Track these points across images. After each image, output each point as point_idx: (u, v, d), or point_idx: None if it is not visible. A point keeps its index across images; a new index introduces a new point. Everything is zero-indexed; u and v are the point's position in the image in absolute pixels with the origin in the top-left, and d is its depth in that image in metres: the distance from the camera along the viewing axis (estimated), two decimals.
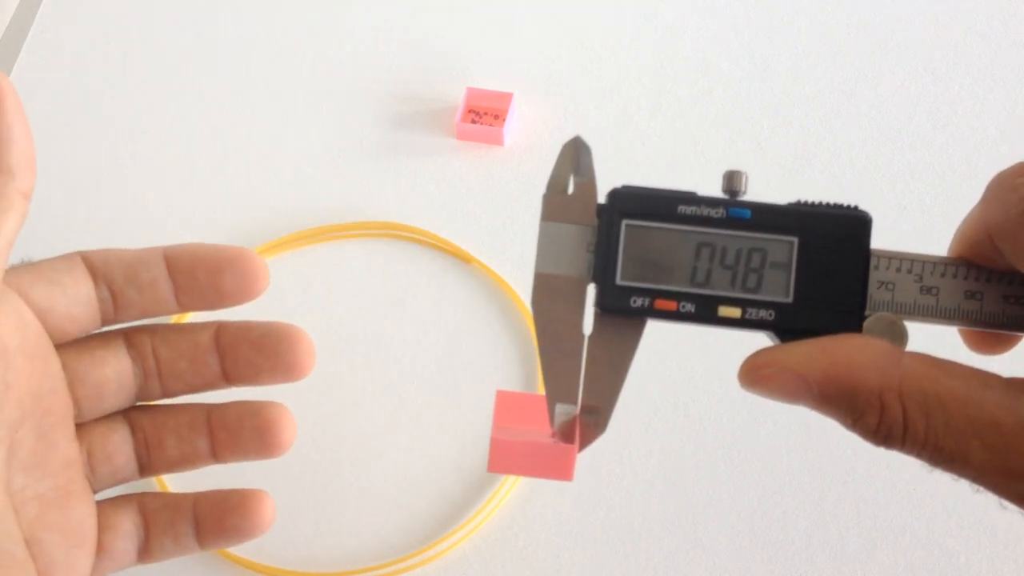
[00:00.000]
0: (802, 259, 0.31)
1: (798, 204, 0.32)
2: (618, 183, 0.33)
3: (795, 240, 0.32)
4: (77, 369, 0.36)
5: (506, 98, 0.58)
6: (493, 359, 0.50)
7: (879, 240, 0.37)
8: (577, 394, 0.31)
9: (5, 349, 0.33)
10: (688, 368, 0.49)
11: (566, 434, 0.31)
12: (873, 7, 0.63)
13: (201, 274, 0.38)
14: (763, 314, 0.31)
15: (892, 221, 0.54)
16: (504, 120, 0.57)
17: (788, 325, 0.31)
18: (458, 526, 0.45)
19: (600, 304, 0.31)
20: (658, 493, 0.46)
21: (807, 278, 0.31)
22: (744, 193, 0.32)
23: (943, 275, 0.33)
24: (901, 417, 0.29)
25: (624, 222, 0.32)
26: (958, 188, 0.55)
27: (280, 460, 0.47)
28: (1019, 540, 0.44)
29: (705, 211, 0.32)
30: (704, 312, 0.32)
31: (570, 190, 0.33)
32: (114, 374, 0.36)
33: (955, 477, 0.30)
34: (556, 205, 0.33)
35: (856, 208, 0.32)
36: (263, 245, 0.53)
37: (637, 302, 0.31)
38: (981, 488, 0.30)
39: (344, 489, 0.46)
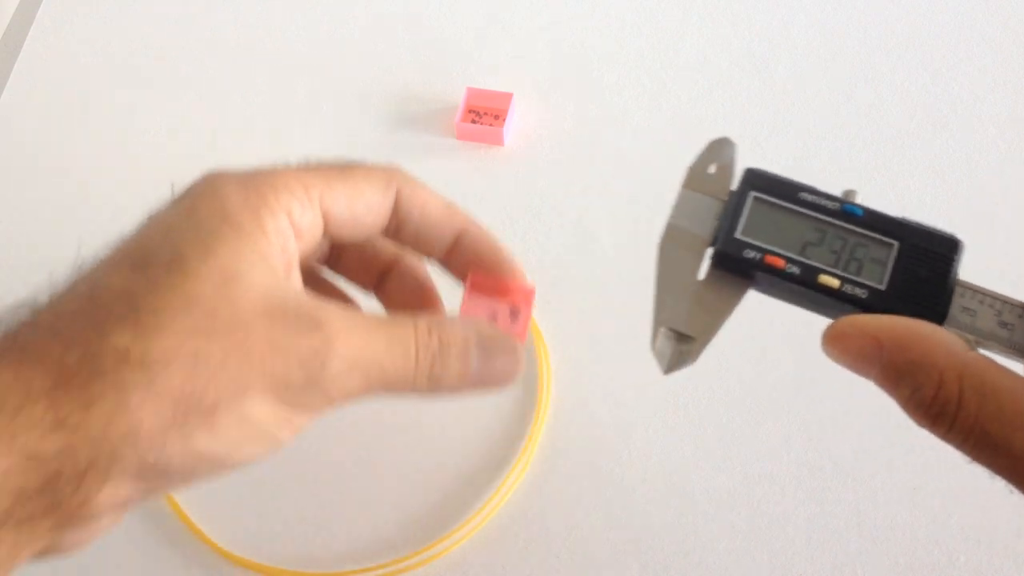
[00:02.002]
0: (899, 260, 0.36)
1: (904, 218, 0.37)
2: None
3: (896, 244, 0.36)
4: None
5: (506, 98, 0.58)
6: None
7: None
8: (682, 321, 0.36)
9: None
10: (689, 369, 0.49)
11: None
12: (873, 7, 0.63)
13: (472, 262, 0.41)
14: (857, 291, 0.35)
15: None
16: (504, 120, 0.57)
17: (877, 306, 0.35)
18: (458, 526, 0.45)
19: (718, 249, 0.36)
20: (658, 493, 0.46)
21: (901, 275, 0.36)
22: (852, 197, 0.37)
23: (1020, 316, 0.36)
24: (956, 396, 0.31)
25: (752, 193, 0.37)
26: (958, 188, 0.55)
27: (280, 460, 0.47)
28: (1019, 540, 0.44)
29: (823, 201, 0.37)
30: (806, 276, 0.36)
31: (711, 171, 0.38)
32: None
33: (991, 474, 0.31)
34: (697, 178, 0.38)
35: (952, 234, 0.36)
36: None
37: (750, 254, 0.36)
38: (1015, 488, 0.31)
39: (344, 489, 0.46)
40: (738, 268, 0.37)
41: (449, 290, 0.40)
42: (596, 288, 0.52)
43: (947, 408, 0.31)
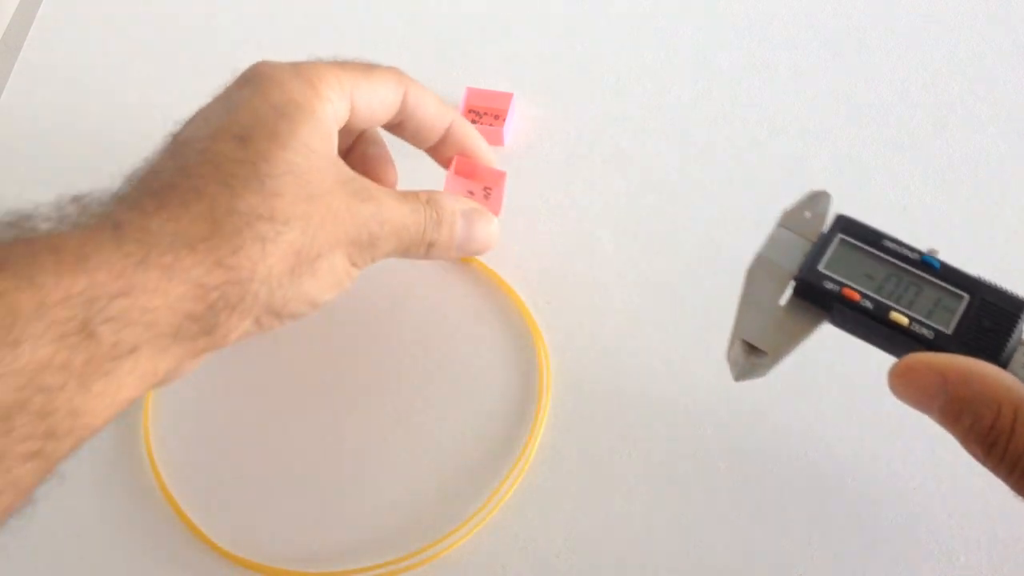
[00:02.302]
0: (968, 311, 0.39)
1: (979, 276, 0.40)
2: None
3: (967, 296, 0.39)
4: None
5: (506, 98, 0.58)
6: (493, 359, 0.50)
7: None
8: (758, 336, 0.40)
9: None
10: (690, 370, 0.49)
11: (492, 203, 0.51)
12: (873, 7, 0.63)
13: (456, 150, 0.50)
14: (924, 331, 0.39)
15: (892, 221, 0.54)
16: (504, 120, 0.57)
17: (941, 347, 0.38)
18: (458, 526, 0.45)
19: (800, 278, 0.40)
20: (658, 493, 0.46)
21: (967, 323, 0.39)
22: (934, 254, 0.41)
23: None
24: (1010, 426, 0.34)
25: (839, 235, 0.41)
26: (958, 188, 0.55)
27: (280, 460, 0.47)
28: (1019, 540, 0.44)
29: (904, 251, 0.40)
30: (878, 311, 0.39)
31: (807, 216, 0.42)
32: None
33: None
34: (791, 219, 0.42)
35: (1022, 297, 0.39)
36: None
37: (829, 285, 0.39)
38: None
39: (344, 489, 0.46)
40: (816, 297, 0.40)
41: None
42: (596, 288, 0.52)
43: (1000, 438, 0.34)
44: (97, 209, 0.37)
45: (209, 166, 0.39)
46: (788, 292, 0.40)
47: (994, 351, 0.38)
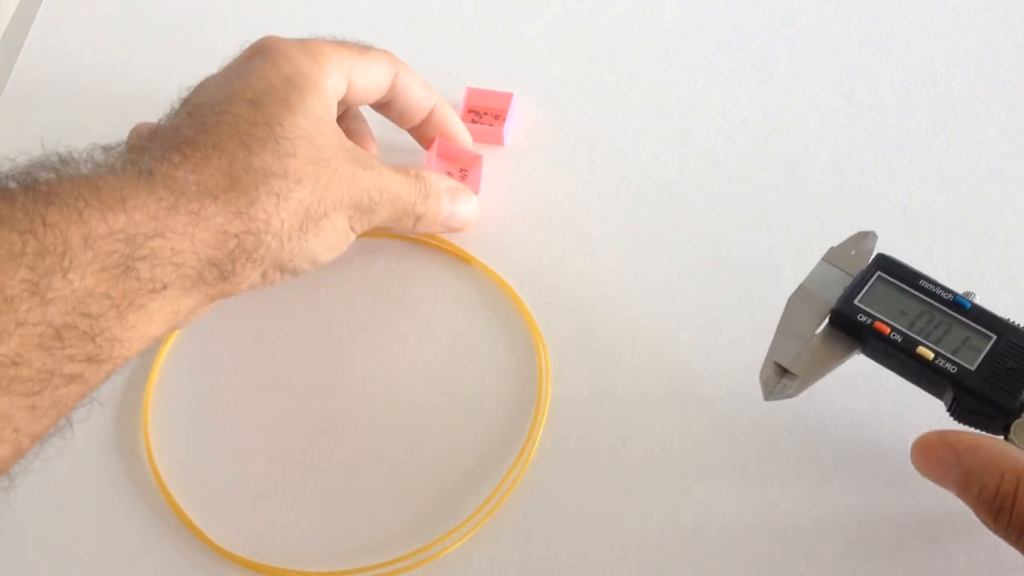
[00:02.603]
0: (993, 350, 0.41)
1: (1008, 319, 0.42)
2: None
3: (994, 337, 0.42)
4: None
5: (506, 98, 0.58)
6: (493, 359, 0.50)
7: (881, 240, 0.47)
8: (790, 360, 0.43)
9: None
10: (690, 369, 0.49)
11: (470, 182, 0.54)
12: (873, 7, 0.63)
13: (435, 136, 0.53)
14: (948, 366, 0.41)
15: (892, 221, 0.54)
16: (504, 120, 0.57)
17: (963, 382, 0.41)
18: (458, 526, 0.45)
19: (836, 309, 0.43)
20: (658, 493, 0.46)
21: (991, 362, 0.41)
22: (972, 297, 0.43)
23: None
24: (1013, 492, 0.37)
25: (878, 273, 0.44)
26: (958, 188, 0.55)
27: (281, 460, 0.47)
28: None
29: (938, 291, 0.43)
30: (906, 345, 0.42)
31: (852, 253, 0.46)
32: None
33: None
34: (836, 256, 0.45)
35: None
36: None
37: (862, 318, 0.42)
38: None
39: (344, 489, 0.46)
40: (850, 328, 0.43)
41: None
42: (596, 288, 0.52)
43: (1005, 503, 0.37)
44: (127, 158, 0.40)
45: (227, 126, 0.42)
46: (824, 323, 0.43)
47: (1015, 389, 0.40)
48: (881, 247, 0.48)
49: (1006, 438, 0.40)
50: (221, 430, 0.48)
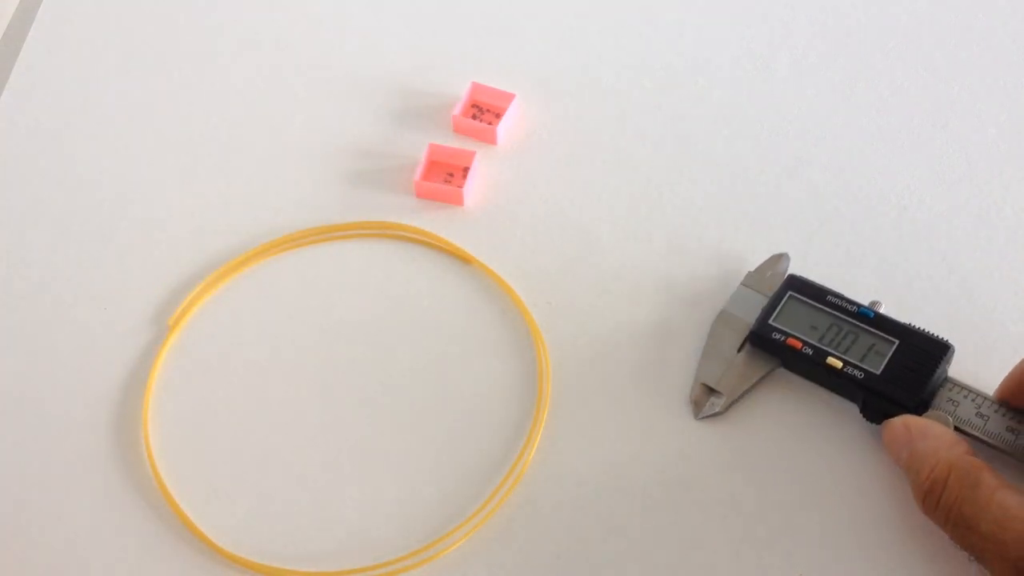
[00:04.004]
0: (896, 354, 0.46)
1: (910, 324, 0.46)
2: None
3: (897, 341, 0.46)
4: None
5: (508, 98, 0.58)
6: (493, 359, 0.50)
7: (881, 240, 0.51)
8: (715, 380, 0.47)
9: None
10: (689, 369, 0.49)
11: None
12: (873, 7, 0.63)
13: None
14: (856, 372, 0.45)
15: (892, 221, 0.54)
16: (501, 119, 0.57)
17: (870, 386, 0.45)
18: (458, 526, 0.45)
19: (752, 330, 0.47)
20: (658, 493, 0.46)
21: (896, 365, 0.45)
22: (877, 307, 0.48)
23: (995, 411, 0.44)
24: (944, 480, 0.40)
25: (789, 293, 0.48)
26: (958, 188, 0.55)
27: (280, 459, 0.47)
28: None
29: (844, 304, 0.47)
30: (817, 357, 0.46)
31: (767, 275, 0.50)
32: None
33: (970, 557, 0.40)
34: (753, 280, 0.50)
35: (946, 340, 0.46)
36: (263, 245, 0.53)
37: (777, 336, 0.47)
38: (979, 565, 0.40)
39: (344, 489, 0.46)
40: (767, 346, 0.47)
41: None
42: (596, 288, 0.52)
43: (935, 487, 0.40)
44: None
45: None
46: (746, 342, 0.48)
47: (917, 388, 0.45)
48: (881, 247, 0.48)
49: None
50: (221, 430, 0.48)
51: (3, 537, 0.45)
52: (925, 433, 0.42)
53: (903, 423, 0.43)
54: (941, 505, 0.40)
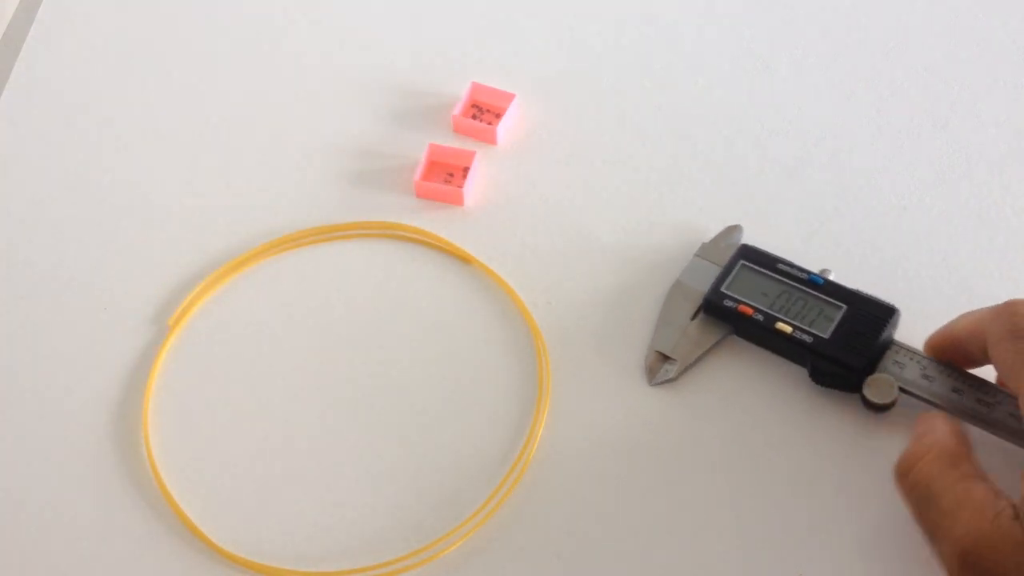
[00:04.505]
0: (844, 319, 0.47)
1: (857, 290, 0.48)
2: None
3: (845, 307, 0.47)
4: None
5: (508, 98, 0.58)
6: (493, 359, 0.50)
7: (882, 240, 0.51)
8: (670, 347, 0.48)
9: None
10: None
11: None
12: (873, 7, 0.63)
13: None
14: (805, 337, 0.47)
15: (892, 221, 0.54)
16: (501, 118, 0.57)
17: (818, 350, 0.46)
18: (458, 526, 0.45)
19: (706, 298, 0.49)
20: (658, 493, 0.46)
21: (843, 329, 0.46)
22: (827, 274, 0.49)
23: (940, 372, 0.45)
24: (925, 453, 0.41)
25: (741, 262, 0.49)
26: (958, 188, 0.55)
27: (280, 460, 0.47)
28: None
29: (794, 271, 0.49)
30: (767, 323, 0.47)
31: (721, 246, 0.51)
32: None
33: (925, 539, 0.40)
34: (707, 251, 0.51)
35: (892, 305, 0.47)
36: (263, 245, 0.53)
37: (729, 303, 0.48)
38: (930, 546, 0.40)
39: (344, 489, 0.46)
40: (719, 313, 0.48)
41: None
42: (596, 288, 0.52)
43: (912, 458, 0.41)
44: None
45: None
46: (699, 310, 0.49)
47: (863, 351, 0.46)
48: (882, 247, 0.48)
49: (861, 393, 0.45)
50: (221, 430, 0.48)
51: (3, 537, 0.45)
52: (935, 419, 0.43)
53: (929, 414, 0.43)
54: (912, 475, 0.40)
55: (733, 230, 0.52)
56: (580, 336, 0.50)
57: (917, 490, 0.40)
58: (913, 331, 0.47)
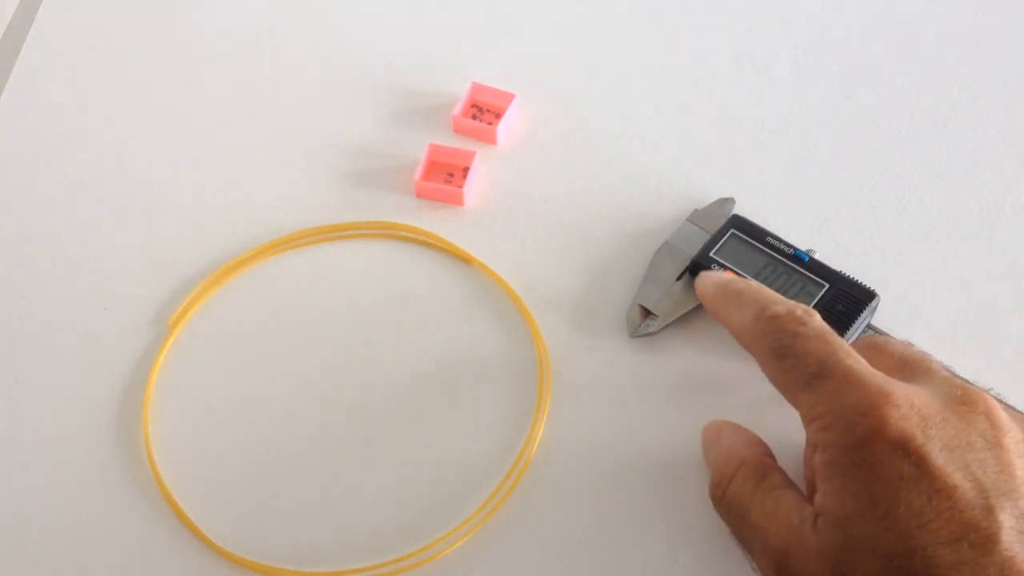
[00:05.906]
0: (825, 296, 0.48)
1: (841, 271, 0.49)
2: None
3: (827, 285, 0.48)
4: None
5: (508, 98, 0.58)
6: (493, 359, 0.50)
7: (882, 240, 0.50)
8: (653, 303, 0.50)
9: None
10: (688, 369, 0.49)
11: None
12: (873, 7, 0.63)
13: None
14: None
15: (892, 221, 0.54)
16: (501, 118, 0.57)
17: None
18: (458, 526, 0.45)
19: (694, 259, 0.50)
20: (658, 493, 0.46)
21: (822, 308, 0.47)
22: (812, 253, 0.50)
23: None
24: (733, 473, 0.41)
25: (731, 230, 0.51)
26: (958, 188, 0.55)
27: (280, 459, 0.47)
28: None
29: (782, 246, 0.50)
30: None
31: (712, 215, 0.52)
32: None
33: (745, 555, 0.40)
34: (700, 217, 0.53)
35: (872, 289, 0.48)
36: (263, 245, 0.53)
37: (715, 267, 0.49)
38: (748, 557, 0.40)
39: (344, 489, 0.46)
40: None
41: None
42: (595, 288, 0.52)
43: (723, 481, 0.41)
44: None
45: None
46: (685, 272, 0.50)
47: (842, 329, 0.47)
48: (882, 247, 0.48)
49: None
50: (221, 430, 0.48)
51: (3, 537, 0.45)
52: (728, 434, 0.43)
53: (715, 424, 0.44)
54: (726, 497, 0.41)
55: (725, 202, 0.53)
56: (580, 336, 0.50)
57: (732, 510, 0.41)
58: (910, 327, 0.47)
